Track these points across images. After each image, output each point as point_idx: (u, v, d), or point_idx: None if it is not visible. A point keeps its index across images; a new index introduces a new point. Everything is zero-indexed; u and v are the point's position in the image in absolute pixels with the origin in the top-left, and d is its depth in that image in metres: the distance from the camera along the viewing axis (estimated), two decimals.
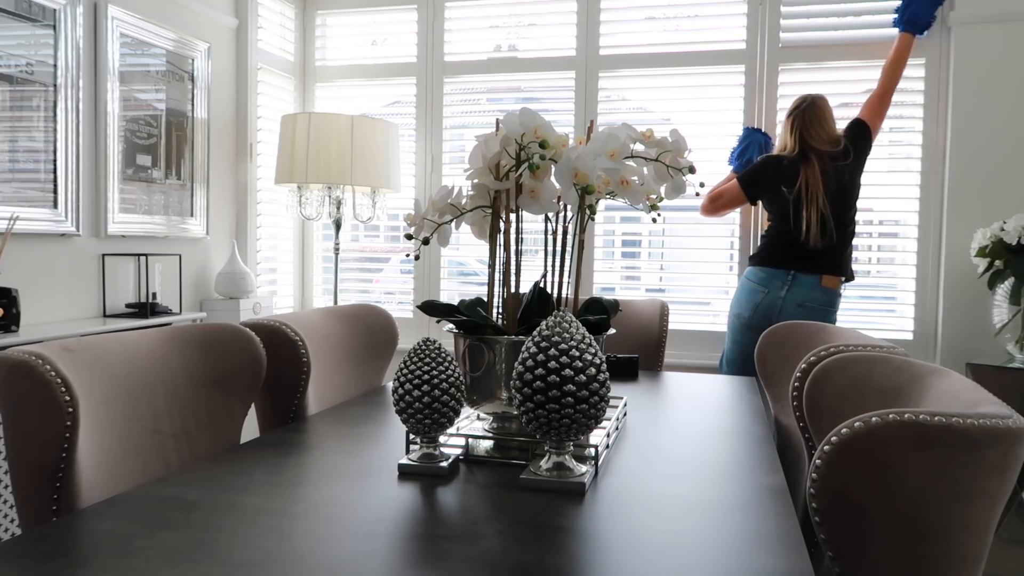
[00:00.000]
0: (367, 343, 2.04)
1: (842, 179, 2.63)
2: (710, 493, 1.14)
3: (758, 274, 2.68)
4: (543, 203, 1.35)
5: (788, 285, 2.61)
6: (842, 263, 2.66)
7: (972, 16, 2.86)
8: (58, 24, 2.43)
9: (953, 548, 0.91)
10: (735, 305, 2.75)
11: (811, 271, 2.61)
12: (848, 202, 2.66)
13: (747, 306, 2.68)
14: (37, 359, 1.12)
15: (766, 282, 2.64)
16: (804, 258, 2.62)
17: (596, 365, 1.13)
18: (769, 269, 2.66)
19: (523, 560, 0.88)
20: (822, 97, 2.70)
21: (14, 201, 2.31)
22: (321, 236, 3.69)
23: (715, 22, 3.19)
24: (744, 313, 2.68)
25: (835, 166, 2.62)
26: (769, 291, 2.62)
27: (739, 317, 2.71)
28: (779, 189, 2.66)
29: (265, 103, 3.44)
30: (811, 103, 2.68)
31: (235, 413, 1.54)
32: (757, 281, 2.67)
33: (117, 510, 1.02)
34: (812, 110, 2.66)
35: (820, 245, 2.60)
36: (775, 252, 2.67)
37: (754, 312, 2.64)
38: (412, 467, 1.22)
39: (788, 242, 2.65)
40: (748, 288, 2.69)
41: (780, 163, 2.68)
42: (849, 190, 2.66)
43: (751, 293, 2.67)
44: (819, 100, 2.69)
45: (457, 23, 3.47)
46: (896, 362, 1.28)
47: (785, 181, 2.64)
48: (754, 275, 2.69)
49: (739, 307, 2.72)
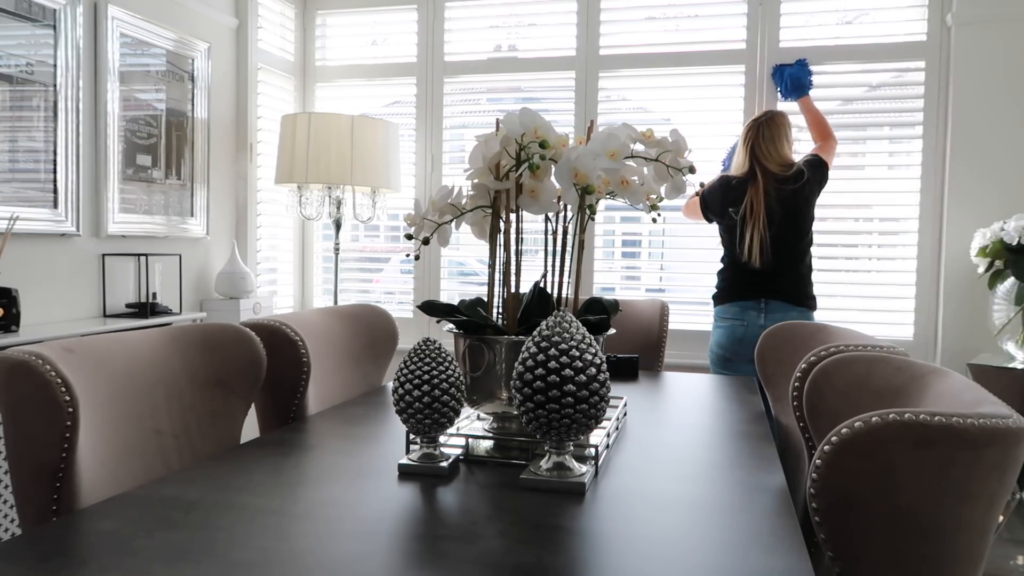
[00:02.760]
0: (367, 343, 2.04)
1: (789, 203, 2.54)
2: (710, 493, 1.14)
3: (730, 310, 2.61)
4: (543, 203, 1.35)
5: (763, 312, 2.55)
6: (798, 292, 2.57)
7: (972, 16, 2.86)
8: (58, 24, 2.43)
9: (953, 548, 0.91)
10: (715, 346, 2.67)
11: (776, 298, 2.55)
12: (796, 228, 2.56)
13: (728, 341, 2.60)
14: (37, 359, 1.12)
15: (740, 315, 2.58)
16: (766, 288, 2.56)
17: (596, 365, 1.13)
18: (740, 302, 2.59)
19: (523, 560, 0.88)
20: (782, 114, 2.65)
21: (14, 201, 2.31)
22: (321, 236, 3.69)
23: (715, 22, 3.19)
24: (727, 350, 2.61)
25: (780, 189, 2.54)
26: (747, 322, 2.56)
27: (721, 356, 2.64)
28: (727, 211, 2.62)
29: (265, 103, 3.44)
30: (769, 118, 2.62)
31: (235, 413, 1.54)
32: (732, 316, 2.60)
33: (117, 510, 1.02)
34: (768, 126, 2.60)
35: (760, 266, 2.52)
36: (735, 285, 2.61)
37: (740, 344, 2.57)
38: (412, 467, 1.22)
39: (744, 271, 2.58)
40: (725, 326, 2.62)
41: (729, 184, 2.63)
42: (797, 216, 2.56)
43: (730, 329, 2.60)
44: (778, 117, 2.63)
45: (457, 23, 3.47)
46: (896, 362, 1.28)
47: (732, 203, 2.60)
48: (727, 312, 2.62)
49: (720, 347, 2.64)
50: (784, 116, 2.65)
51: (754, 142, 2.61)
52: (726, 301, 2.64)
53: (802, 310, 2.57)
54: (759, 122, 2.63)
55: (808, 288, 2.62)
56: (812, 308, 2.61)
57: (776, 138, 2.60)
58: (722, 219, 2.66)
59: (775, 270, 2.55)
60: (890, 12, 3.02)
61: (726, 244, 2.67)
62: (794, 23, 3.10)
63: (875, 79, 3.06)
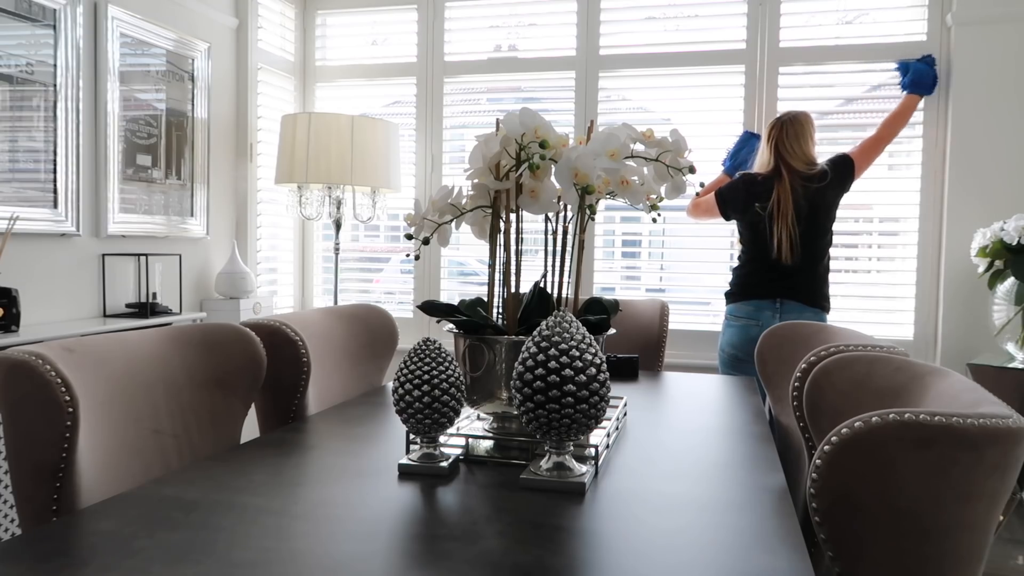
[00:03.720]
0: (367, 343, 2.04)
1: (814, 200, 2.55)
2: (710, 493, 1.14)
3: (744, 308, 2.60)
4: (543, 203, 1.35)
5: (779, 312, 2.55)
6: (814, 292, 2.58)
7: (972, 16, 2.86)
8: (58, 24, 2.43)
9: (953, 548, 0.91)
10: (727, 345, 2.65)
11: (792, 298, 2.55)
12: (819, 226, 2.58)
13: (741, 342, 2.59)
14: (37, 359, 1.12)
15: (755, 314, 2.58)
16: (783, 286, 2.56)
17: (596, 365, 1.13)
18: (755, 301, 2.59)
19: (523, 560, 0.88)
20: (806, 114, 2.64)
21: (14, 201, 2.31)
22: (321, 236, 3.69)
23: (715, 22, 3.19)
24: (739, 350, 2.60)
25: (806, 186, 2.55)
26: (761, 322, 2.55)
27: (734, 356, 2.62)
28: (752, 207, 2.61)
29: (265, 103, 3.44)
30: (793, 117, 2.62)
31: (235, 413, 1.54)
32: (746, 316, 2.60)
33: (117, 510, 1.02)
34: (792, 124, 2.60)
35: (791, 262, 2.52)
36: (754, 283, 2.61)
37: (752, 344, 2.52)
38: (412, 467, 1.22)
39: (764, 269, 2.58)
40: (738, 325, 2.61)
41: (755, 180, 2.63)
42: (821, 214, 2.57)
43: (743, 329, 2.59)
44: (801, 116, 2.63)
45: (457, 23, 3.47)
46: (896, 362, 1.28)
47: (759, 198, 2.59)
48: (740, 311, 2.61)
49: (732, 347, 2.63)
50: (807, 115, 2.65)
51: (778, 140, 2.61)
52: (740, 299, 2.63)
53: (817, 311, 2.56)
54: (783, 120, 2.63)
55: (825, 289, 2.62)
56: (826, 310, 2.61)
57: (800, 136, 2.60)
58: (744, 216, 2.66)
59: (797, 269, 2.56)
60: (890, 12, 3.02)
61: (747, 241, 2.67)
62: (794, 23, 3.10)
63: (875, 79, 3.06)
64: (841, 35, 3.07)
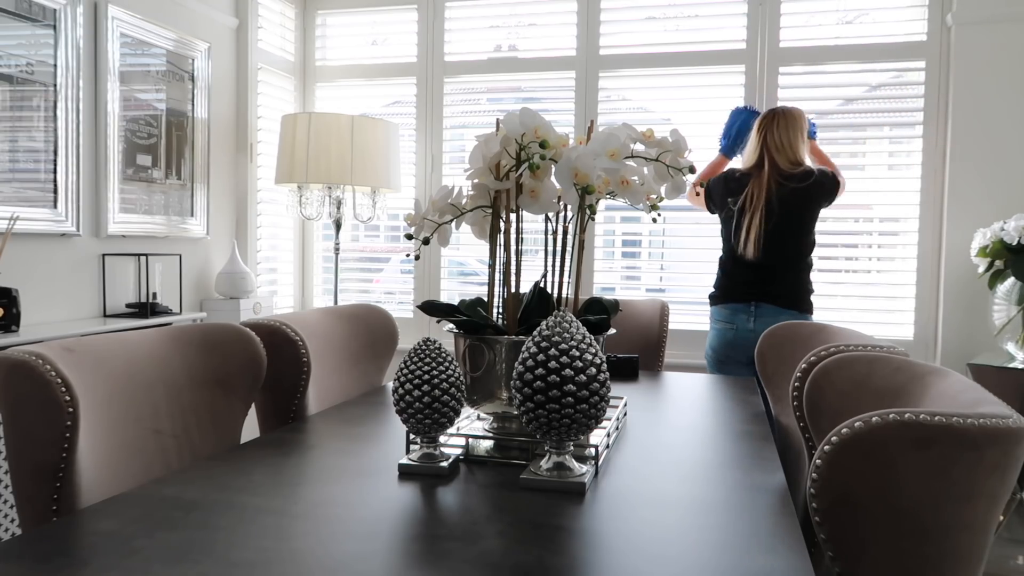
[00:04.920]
0: (367, 343, 2.04)
1: (789, 199, 2.50)
2: (710, 493, 1.14)
3: (722, 312, 2.61)
4: (543, 203, 1.35)
5: (753, 316, 2.53)
6: (791, 295, 2.54)
7: (972, 16, 2.86)
8: (58, 24, 2.43)
9: (953, 548, 0.91)
10: (709, 347, 2.68)
11: (768, 301, 2.52)
12: (795, 226, 2.52)
13: (719, 344, 2.61)
14: (37, 359, 1.12)
15: (731, 318, 2.58)
16: (759, 290, 2.53)
17: (596, 365, 1.13)
18: (731, 304, 2.58)
19: (523, 560, 0.88)
20: (798, 109, 2.61)
21: (14, 201, 2.31)
22: (321, 236, 3.69)
23: (715, 22, 3.19)
24: (718, 353, 2.62)
25: (783, 184, 2.51)
26: (736, 325, 2.55)
27: (715, 358, 2.65)
28: (726, 202, 2.61)
29: (265, 103, 3.44)
30: (786, 110, 2.59)
31: (235, 413, 1.54)
32: (723, 319, 2.60)
33: (117, 510, 1.02)
34: (784, 116, 2.57)
35: (755, 259, 2.50)
36: (729, 286, 2.60)
37: (731, 348, 2.57)
38: (412, 467, 1.22)
39: (739, 271, 2.57)
40: (717, 328, 2.64)
41: (732, 176, 2.62)
42: (796, 214, 2.51)
43: (721, 332, 2.61)
44: (794, 110, 2.60)
45: (457, 23, 3.47)
46: (896, 362, 1.28)
47: (732, 194, 2.58)
48: (719, 314, 2.63)
49: (713, 350, 2.65)
50: (800, 111, 2.61)
51: (767, 131, 2.57)
52: (719, 302, 2.64)
53: (794, 314, 2.52)
54: (775, 112, 2.60)
55: (804, 291, 2.56)
56: (807, 312, 2.56)
57: (791, 127, 2.56)
58: (721, 211, 2.66)
59: (770, 269, 2.52)
60: (890, 12, 3.02)
61: (724, 239, 2.66)
62: (794, 23, 3.10)
63: (875, 79, 3.06)
64: (841, 35, 3.07)
